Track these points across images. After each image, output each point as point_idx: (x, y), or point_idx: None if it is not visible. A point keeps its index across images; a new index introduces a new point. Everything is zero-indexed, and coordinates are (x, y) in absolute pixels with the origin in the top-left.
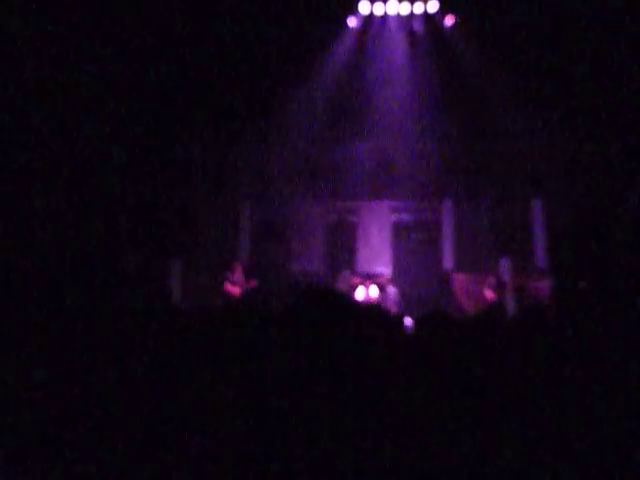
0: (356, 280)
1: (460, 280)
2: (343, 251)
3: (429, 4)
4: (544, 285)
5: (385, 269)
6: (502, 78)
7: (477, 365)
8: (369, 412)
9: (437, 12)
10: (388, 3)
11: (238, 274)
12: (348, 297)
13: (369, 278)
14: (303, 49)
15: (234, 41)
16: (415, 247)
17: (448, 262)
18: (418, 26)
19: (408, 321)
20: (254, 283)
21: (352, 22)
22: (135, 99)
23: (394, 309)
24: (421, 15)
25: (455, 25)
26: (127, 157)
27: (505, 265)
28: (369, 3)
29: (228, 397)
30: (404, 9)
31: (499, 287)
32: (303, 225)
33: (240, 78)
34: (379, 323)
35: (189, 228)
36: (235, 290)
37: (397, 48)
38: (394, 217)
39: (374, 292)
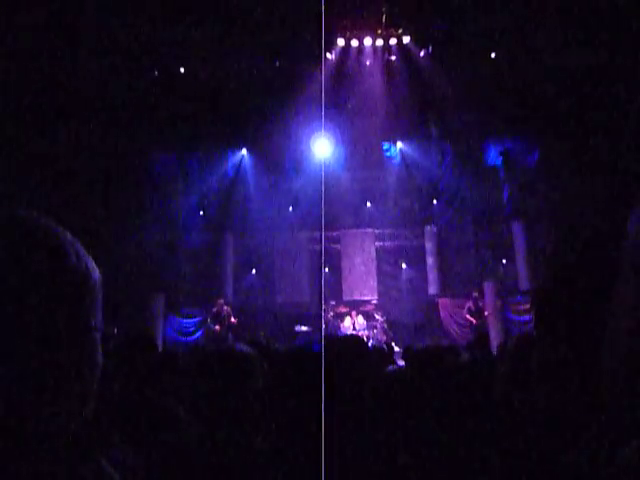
0: (343, 309)
1: (445, 305)
2: (328, 280)
3: (403, 38)
4: (527, 307)
5: (371, 296)
6: (477, 105)
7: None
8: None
9: (410, 42)
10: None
11: (219, 311)
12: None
13: (355, 307)
14: (282, 83)
15: (217, 79)
16: (400, 274)
17: (433, 287)
18: (393, 56)
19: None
20: (234, 320)
21: (330, 55)
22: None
23: (382, 337)
24: (395, 46)
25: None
26: (112, 190)
27: (489, 288)
28: (346, 37)
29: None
30: (379, 41)
31: (476, 312)
32: (287, 255)
33: (223, 112)
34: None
35: (172, 261)
36: (216, 327)
37: (374, 77)
38: (378, 244)
39: (361, 321)
